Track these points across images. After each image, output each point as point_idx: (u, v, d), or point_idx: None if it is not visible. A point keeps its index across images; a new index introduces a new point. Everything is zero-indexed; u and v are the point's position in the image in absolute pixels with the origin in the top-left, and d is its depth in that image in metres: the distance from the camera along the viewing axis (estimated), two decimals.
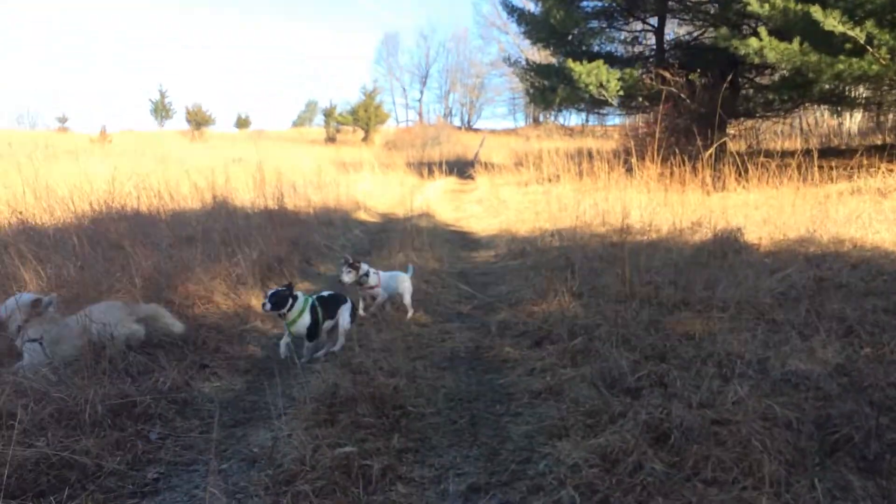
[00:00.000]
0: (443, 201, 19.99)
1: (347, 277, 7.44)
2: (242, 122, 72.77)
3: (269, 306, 6.05)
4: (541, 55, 35.50)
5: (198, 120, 62.27)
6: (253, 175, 16.44)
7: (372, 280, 7.58)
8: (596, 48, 25.84)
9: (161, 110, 68.26)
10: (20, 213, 11.36)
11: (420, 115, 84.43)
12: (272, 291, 6.16)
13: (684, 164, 12.68)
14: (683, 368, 5.20)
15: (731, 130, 24.21)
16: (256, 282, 8.20)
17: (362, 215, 17.43)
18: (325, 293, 6.73)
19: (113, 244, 8.90)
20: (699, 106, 21.16)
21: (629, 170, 13.93)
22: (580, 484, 3.82)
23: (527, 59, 30.04)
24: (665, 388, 4.91)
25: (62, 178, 17.12)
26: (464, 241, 13.88)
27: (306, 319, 6.23)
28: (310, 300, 6.36)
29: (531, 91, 27.98)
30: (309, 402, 4.99)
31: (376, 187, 22.76)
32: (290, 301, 6.15)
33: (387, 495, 3.91)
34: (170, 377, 5.50)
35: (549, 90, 24.80)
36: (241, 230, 10.63)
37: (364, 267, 7.56)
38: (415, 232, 11.40)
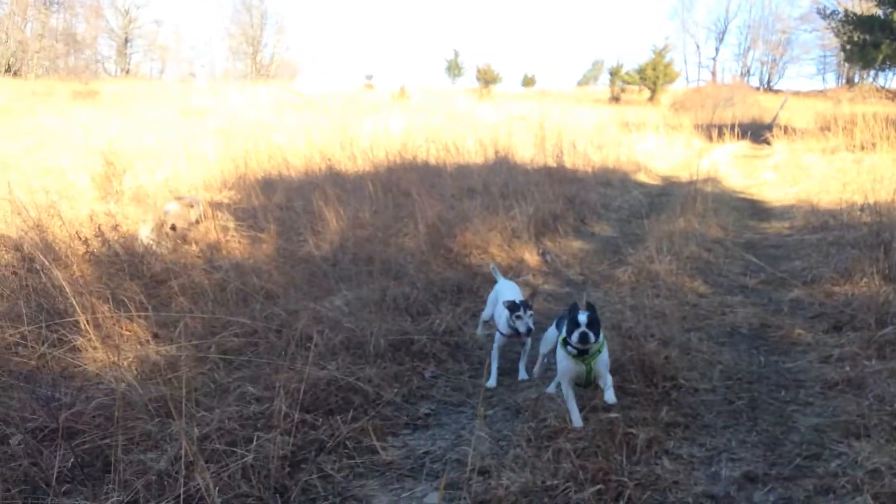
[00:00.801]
0: (732, 166, 18.54)
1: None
2: (528, 81, 73.92)
3: (577, 336, 3.95)
4: (862, 6, 31.06)
5: (486, 78, 64.49)
6: (534, 132, 16.63)
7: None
8: None
9: (454, 68, 71.82)
10: (329, 159, 12.69)
11: (713, 74, 78.96)
12: (581, 315, 4.00)
13: None
14: None
15: None
16: (531, 236, 8.28)
17: (642, 177, 16.83)
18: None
19: (403, 192, 9.53)
20: None
21: None
22: (881, 493, 3.31)
23: (845, 11, 26.47)
24: None
25: (365, 130, 18.84)
26: (753, 209, 12.78)
27: (606, 353, 4.16)
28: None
29: (848, 47, 24.75)
30: None
31: (659, 149, 21.82)
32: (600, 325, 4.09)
33: (651, 468, 3.72)
34: (445, 320, 5.77)
35: (870, 46, 21.77)
36: (520, 185, 10.81)
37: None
38: (699, 197, 10.70)
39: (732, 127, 23.21)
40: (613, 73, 62.67)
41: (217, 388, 4.44)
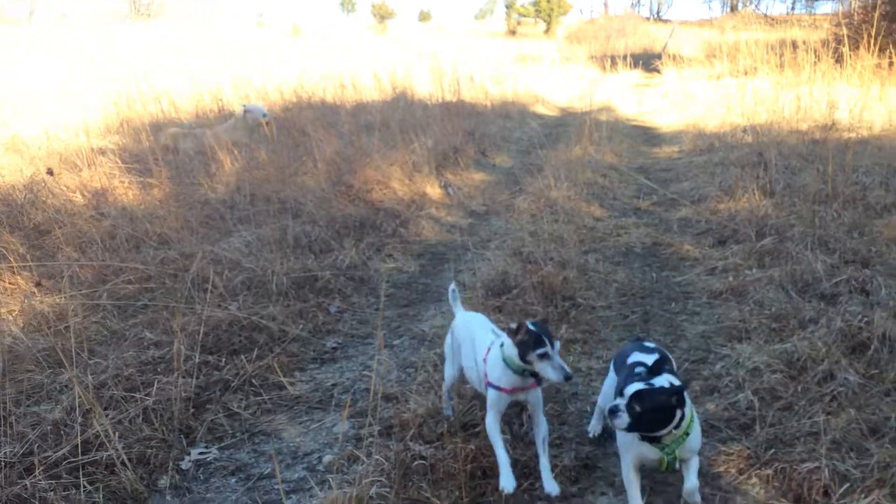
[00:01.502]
0: (625, 95, 18.96)
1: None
2: (424, 16, 72.88)
3: (623, 418, 2.54)
4: None
5: (381, 14, 63.15)
6: (432, 68, 16.46)
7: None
8: None
9: (347, 4, 69.98)
10: (220, 100, 12.20)
11: (606, 5, 79.88)
12: (631, 386, 2.57)
13: None
14: (891, 276, 4.65)
15: None
16: (432, 170, 8.27)
17: (540, 108, 17.02)
18: None
19: (300, 131, 9.30)
20: None
21: (839, 60, 12.39)
22: (760, 389, 3.58)
23: None
24: (867, 295, 4.43)
25: (257, 70, 18.13)
26: (645, 136, 13.17)
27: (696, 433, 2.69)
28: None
29: None
30: (479, 289, 5.01)
31: (555, 81, 22.03)
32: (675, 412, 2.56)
33: None
34: (348, 256, 5.74)
35: None
36: (419, 120, 10.73)
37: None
38: (594, 126, 10.92)
39: (625, 57, 23.68)
40: (509, 7, 62.52)
41: (112, 336, 4.29)
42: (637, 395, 2.52)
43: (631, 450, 2.70)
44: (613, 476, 3.13)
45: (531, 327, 2.87)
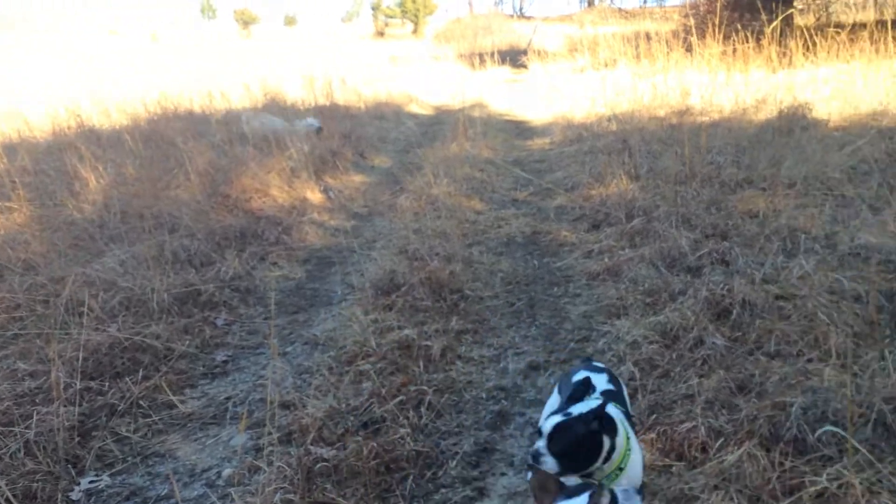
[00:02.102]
0: (496, 91, 19.43)
1: None
2: (290, 20, 71.72)
3: (548, 461, 2.23)
4: None
5: (245, 19, 61.63)
6: (301, 73, 16.28)
7: None
8: None
9: (207, 10, 67.79)
10: (78, 116, 11.56)
11: (470, 4, 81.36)
12: (549, 422, 2.28)
13: (748, 41, 11.96)
14: (746, 246, 5.05)
15: (798, 3, 22.62)
16: (311, 174, 8.20)
17: (415, 108, 17.17)
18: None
19: (168, 142, 8.97)
20: None
21: (688, 49, 13.25)
22: (640, 360, 3.81)
23: None
24: (727, 265, 4.80)
25: (116, 81, 17.32)
26: (518, 129, 13.58)
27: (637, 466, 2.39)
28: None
29: None
30: (368, 289, 5.04)
31: (428, 80, 22.29)
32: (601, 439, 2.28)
33: (447, 373, 3.98)
34: (231, 267, 5.62)
35: None
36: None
37: None
38: (468, 122, 11.16)
39: (492, 54, 24.29)
40: (375, 8, 62.54)
41: None
42: (556, 431, 2.22)
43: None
44: (512, 457, 3.26)
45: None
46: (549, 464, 2.21)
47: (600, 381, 2.59)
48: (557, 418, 2.26)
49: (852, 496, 2.56)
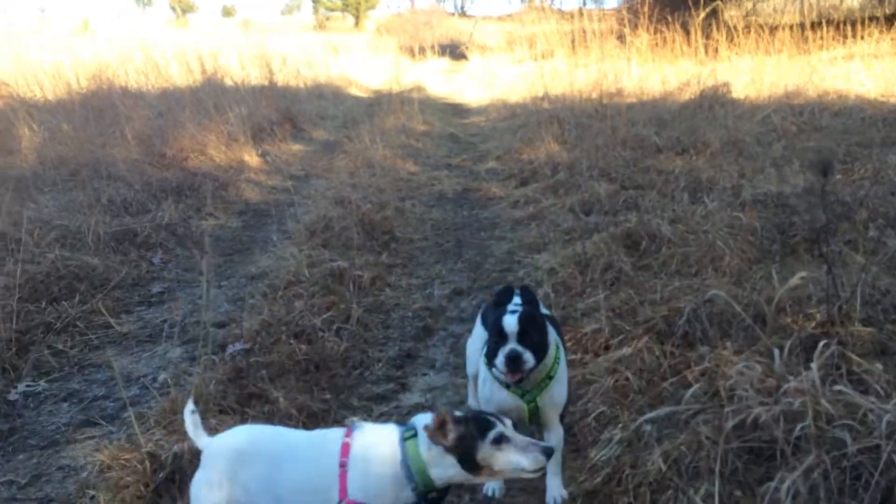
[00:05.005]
0: (435, 78, 19.73)
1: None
2: (228, 11, 70.62)
3: (503, 358, 2.24)
4: None
5: (182, 7, 60.44)
6: (240, 54, 16.18)
7: None
8: None
9: None
10: (7, 84, 11.29)
11: (412, 0, 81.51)
12: (509, 316, 2.29)
13: (677, 33, 12.52)
14: (660, 194, 5.42)
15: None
16: (248, 139, 8.30)
17: (354, 90, 17.29)
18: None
19: (105, 104, 8.93)
20: None
21: (621, 38, 13.76)
22: (556, 283, 4.11)
23: None
24: (640, 209, 5.15)
25: (49, 60, 16.86)
26: (455, 110, 13.89)
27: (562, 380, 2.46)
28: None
29: None
30: (303, 231, 5.23)
31: (368, 67, 22.40)
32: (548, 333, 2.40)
33: (376, 297, 4.21)
34: (167, 214, 5.72)
35: None
36: (232, 97, 10.62)
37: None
38: (406, 102, 11.38)
39: (433, 47, 24.57)
40: (315, 1, 62.09)
41: None
42: (522, 322, 2.23)
43: (490, 403, 2.37)
44: (434, 360, 3.52)
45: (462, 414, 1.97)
46: (528, 359, 2.21)
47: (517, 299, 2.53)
48: (512, 316, 2.25)
49: (727, 373, 2.89)
